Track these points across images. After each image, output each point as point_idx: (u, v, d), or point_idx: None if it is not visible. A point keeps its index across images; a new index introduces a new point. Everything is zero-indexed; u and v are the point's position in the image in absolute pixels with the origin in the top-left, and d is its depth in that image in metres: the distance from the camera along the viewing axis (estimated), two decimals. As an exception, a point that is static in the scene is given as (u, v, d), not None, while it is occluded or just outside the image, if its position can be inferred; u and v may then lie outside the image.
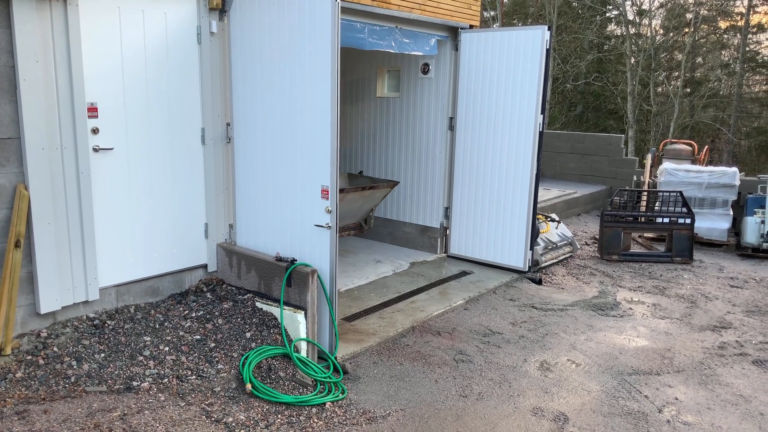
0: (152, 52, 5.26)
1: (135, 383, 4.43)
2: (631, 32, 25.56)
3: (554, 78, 24.79)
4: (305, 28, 4.99)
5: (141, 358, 4.69)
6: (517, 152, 7.61)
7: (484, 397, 4.89)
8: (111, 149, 5.10)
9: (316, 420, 4.37)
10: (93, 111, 4.92)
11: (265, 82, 5.43)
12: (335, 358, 5.23)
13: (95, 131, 4.97)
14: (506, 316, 6.67)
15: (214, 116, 5.70)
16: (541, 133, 7.48)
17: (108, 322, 5.04)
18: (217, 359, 4.78)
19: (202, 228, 5.82)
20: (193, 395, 4.40)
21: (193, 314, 5.32)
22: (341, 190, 6.38)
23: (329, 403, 4.59)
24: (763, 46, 28.06)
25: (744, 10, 26.57)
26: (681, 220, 9.32)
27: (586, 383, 5.19)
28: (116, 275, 5.27)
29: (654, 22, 26.42)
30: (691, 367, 5.56)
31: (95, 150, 4.99)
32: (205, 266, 5.90)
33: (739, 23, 26.84)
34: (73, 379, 4.36)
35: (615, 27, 28.63)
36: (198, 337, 5.01)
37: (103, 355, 4.66)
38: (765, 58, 27.84)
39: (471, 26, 8.08)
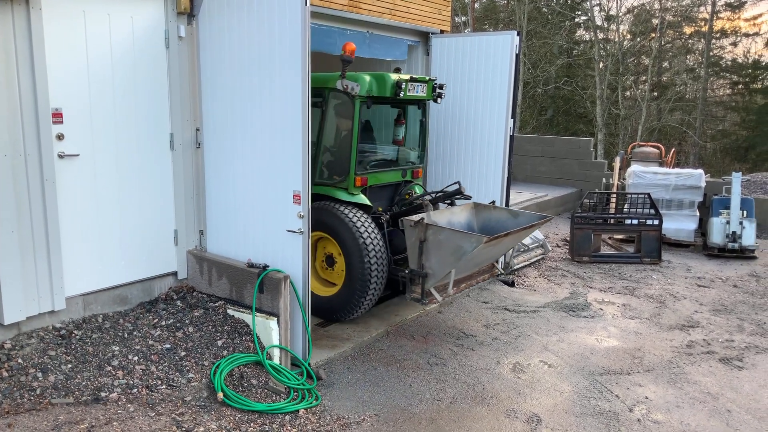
0: (119, 57, 5.18)
1: (103, 394, 4.33)
2: (600, 37, 26.02)
3: (525, 83, 25.09)
4: (275, 32, 4.96)
5: (109, 368, 4.60)
6: (489, 156, 7.68)
7: (457, 400, 4.90)
8: (77, 155, 4.99)
9: (289, 428, 4.33)
10: (58, 117, 4.82)
11: (235, 86, 5.38)
12: (309, 364, 5.19)
13: (60, 137, 4.86)
14: (479, 319, 6.70)
15: (183, 121, 5.62)
16: (512, 137, 7.55)
17: (75, 332, 4.92)
18: (187, 368, 4.71)
19: (172, 235, 5.74)
20: (163, 405, 4.32)
21: (163, 323, 5.23)
22: (506, 234, 5.56)
23: (303, 410, 4.56)
24: (726, 51, 28.83)
25: (708, 16, 27.27)
26: (649, 222, 9.49)
27: (558, 384, 5.24)
28: (83, 284, 5.15)
29: (621, 27, 26.94)
30: (660, 366, 5.65)
31: (60, 156, 4.89)
32: (175, 274, 5.81)
33: (703, 29, 27.54)
34: (38, 391, 4.25)
35: (584, 32, 29.13)
36: (168, 345, 4.93)
37: (69, 365, 4.55)
38: (728, 62, 28.61)
39: (442, 31, 8.13)
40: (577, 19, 28.26)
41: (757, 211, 11.06)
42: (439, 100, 6.78)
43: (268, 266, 5.23)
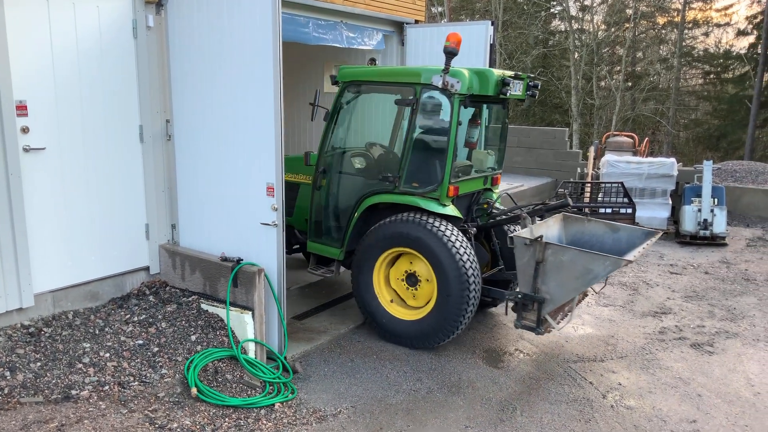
0: (85, 48, 5.05)
1: (74, 392, 4.25)
2: (575, 28, 26.20)
3: (501, 73, 25.14)
4: (245, 21, 4.87)
5: (80, 365, 4.51)
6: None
7: (434, 391, 4.91)
8: (43, 149, 4.87)
9: (265, 422, 4.30)
10: (22, 109, 4.68)
11: (205, 77, 5.29)
12: (285, 357, 5.16)
13: (25, 130, 4.73)
14: (456, 309, 6.72)
15: (152, 113, 5.52)
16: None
17: (44, 329, 4.82)
18: (160, 364, 4.64)
19: (143, 229, 5.64)
20: (135, 402, 4.25)
21: (135, 318, 5.15)
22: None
23: (278, 403, 4.53)
24: (698, 41, 29.26)
25: (680, 7, 27.60)
26: (623, 210, 9.61)
27: (533, 372, 5.29)
28: (52, 280, 5.04)
29: (596, 17, 27.16)
30: (633, 353, 5.73)
31: (25, 150, 4.76)
32: (147, 268, 5.72)
33: (676, 19, 27.89)
34: (6, 391, 4.15)
35: (559, 23, 29.31)
36: (140, 341, 4.85)
37: (39, 363, 4.45)
38: (700, 53, 29.03)
39: (416, 21, 8.10)
40: (552, 10, 28.41)
41: (728, 198, 11.27)
42: (529, 99, 6.05)
43: (242, 260, 5.17)
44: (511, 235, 5.16)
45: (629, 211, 9.58)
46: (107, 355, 4.65)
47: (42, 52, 4.78)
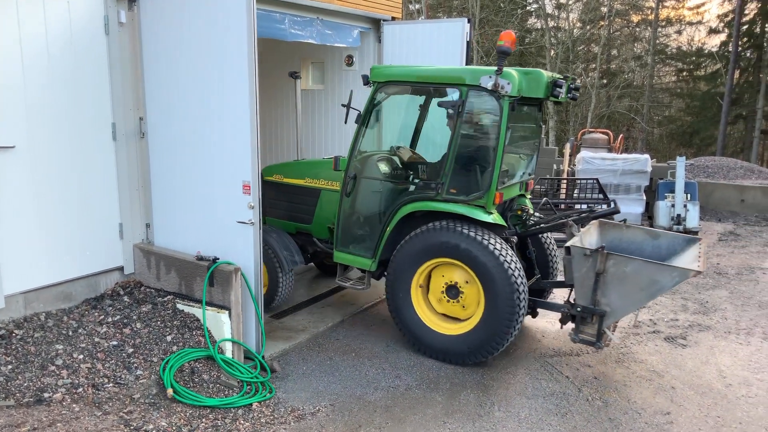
0: (56, 45, 4.94)
1: (46, 395, 4.17)
2: (551, 25, 26.42)
3: (479, 70, 25.26)
4: (219, 17, 4.81)
5: (53, 367, 4.43)
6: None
7: (412, 387, 4.92)
8: (12, 147, 4.75)
9: (242, 422, 4.27)
10: (-11, 107, 4.58)
11: (179, 74, 5.22)
12: (263, 357, 5.13)
13: (-7, 128, 4.63)
14: (434, 306, 6.74)
15: (125, 110, 5.43)
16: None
17: (15, 331, 4.72)
18: (135, 365, 4.58)
19: (117, 228, 5.55)
20: (110, 404, 4.19)
21: (110, 319, 5.07)
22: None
23: (256, 403, 4.50)
24: (671, 39, 29.74)
25: (654, 5, 28.01)
26: (598, 207, 9.71)
27: (510, 367, 5.32)
28: (24, 281, 4.93)
29: (571, 15, 27.43)
30: (608, 347, 5.80)
31: (-6, 148, 4.65)
32: (121, 268, 5.63)
33: (650, 17, 28.30)
34: (-25, 395, 4.06)
35: (535, 20, 29.53)
36: (115, 342, 4.78)
37: (10, 366, 4.36)
38: (673, 50, 29.50)
39: (393, 18, 8.08)
40: (528, 8, 28.62)
41: (701, 194, 11.49)
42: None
43: (218, 258, 5.12)
44: (569, 245, 4.96)
45: (605, 207, 9.68)
46: (81, 356, 4.57)
47: (9, 47, 4.66)
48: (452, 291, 5.34)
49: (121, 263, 5.62)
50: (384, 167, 5.89)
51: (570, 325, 5.28)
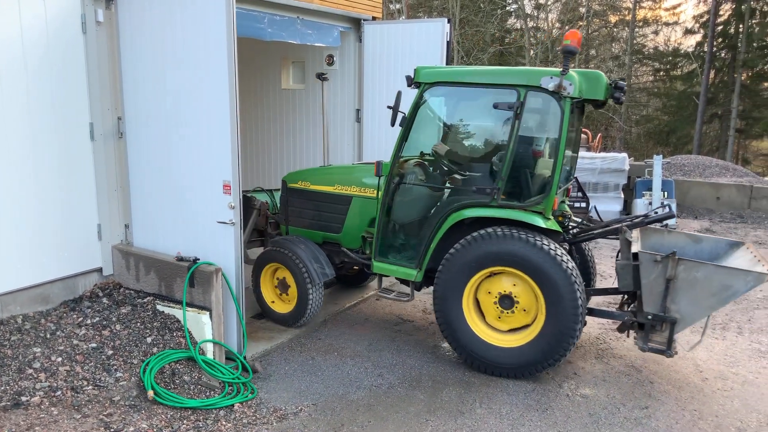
0: (31, 44, 4.87)
1: (24, 398, 4.11)
2: (530, 25, 26.63)
3: (459, 70, 25.36)
4: (198, 16, 4.78)
5: (30, 371, 4.36)
6: (423, 143, 7.70)
7: (395, 386, 4.94)
8: (-14, 148, 4.68)
9: (224, 422, 4.24)
10: (-37, 106, 4.50)
11: (158, 73, 5.17)
12: (244, 357, 5.10)
13: (-33, 128, 4.55)
14: (417, 305, 6.77)
15: (103, 110, 5.37)
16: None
17: (-9, 335, 4.65)
18: (115, 367, 4.53)
19: (95, 229, 5.48)
20: (89, 407, 4.14)
21: (89, 321, 5.01)
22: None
23: (238, 404, 4.48)
24: (648, 39, 30.16)
25: (631, 5, 28.39)
26: (577, 204, 9.83)
27: (492, 365, 5.36)
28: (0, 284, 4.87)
29: (550, 15, 27.68)
30: (588, 343, 5.88)
31: (-32, 149, 4.57)
32: (100, 270, 5.57)
33: (627, 17, 28.67)
34: (-50, 400, 3.99)
35: (515, 20, 29.74)
36: (94, 345, 4.73)
37: (-14, 371, 4.29)
38: (650, 50, 29.92)
39: (374, 18, 8.09)
40: (508, 8, 28.81)
41: (677, 192, 11.67)
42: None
43: (199, 259, 5.09)
44: (637, 251, 4.84)
45: (583, 205, 9.82)
46: (59, 359, 4.51)
47: (-16, 47, 4.60)
48: (506, 301, 5.08)
49: (100, 264, 5.56)
50: (430, 172, 5.67)
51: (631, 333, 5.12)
